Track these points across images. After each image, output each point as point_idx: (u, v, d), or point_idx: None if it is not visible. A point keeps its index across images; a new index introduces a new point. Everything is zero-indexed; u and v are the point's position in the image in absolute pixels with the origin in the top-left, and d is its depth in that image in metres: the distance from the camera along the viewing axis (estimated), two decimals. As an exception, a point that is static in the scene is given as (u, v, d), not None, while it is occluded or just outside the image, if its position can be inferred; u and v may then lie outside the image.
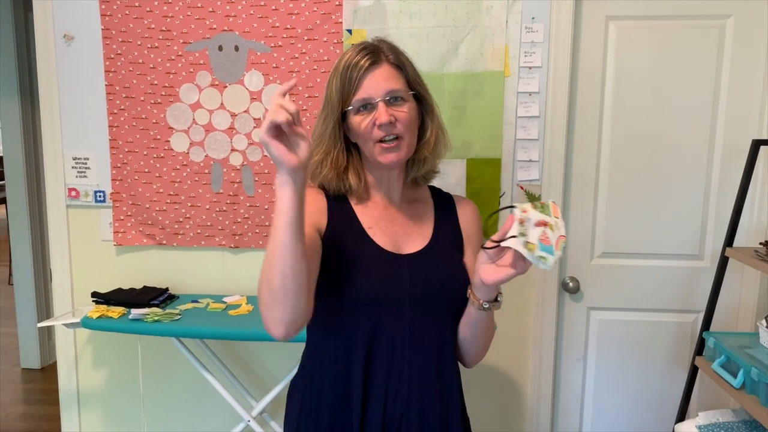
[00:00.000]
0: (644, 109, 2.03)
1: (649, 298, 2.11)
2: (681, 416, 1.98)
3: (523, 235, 1.02)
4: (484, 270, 1.10)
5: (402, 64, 1.22)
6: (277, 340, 1.13)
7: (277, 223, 0.99)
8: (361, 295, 1.16)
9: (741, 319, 2.08)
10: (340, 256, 1.20)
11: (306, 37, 2.02)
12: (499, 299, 1.17)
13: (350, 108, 1.19)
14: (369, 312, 1.17)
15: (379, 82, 1.17)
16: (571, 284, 2.11)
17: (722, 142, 2.01)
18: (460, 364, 1.32)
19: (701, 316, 1.96)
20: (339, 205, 1.25)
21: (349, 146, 1.25)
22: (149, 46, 2.07)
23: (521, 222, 1.03)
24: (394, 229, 1.25)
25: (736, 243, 1.86)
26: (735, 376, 1.69)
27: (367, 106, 1.18)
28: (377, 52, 1.20)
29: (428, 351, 1.22)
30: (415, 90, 1.22)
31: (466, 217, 1.33)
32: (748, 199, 1.88)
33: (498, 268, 1.08)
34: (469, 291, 1.18)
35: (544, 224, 1.03)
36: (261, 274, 1.04)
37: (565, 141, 2.02)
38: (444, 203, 1.34)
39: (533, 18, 1.97)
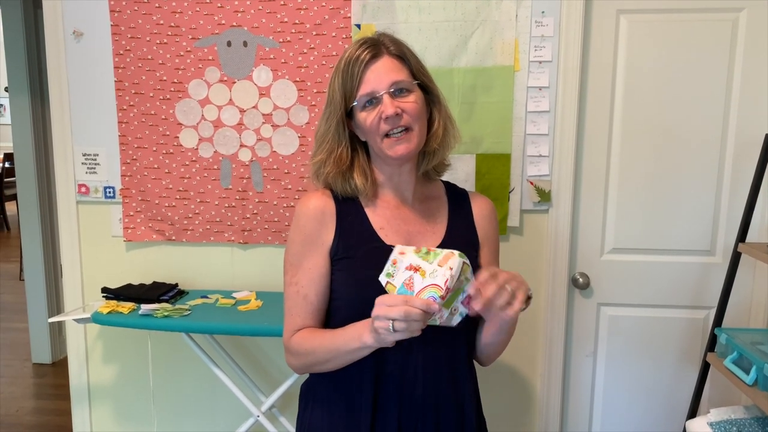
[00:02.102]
0: (655, 103, 2.01)
1: (660, 294, 2.10)
2: (692, 413, 1.96)
3: (389, 275, 1.04)
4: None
5: (404, 55, 1.20)
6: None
7: (351, 348, 1.11)
8: (371, 297, 1.14)
9: (753, 316, 2.07)
10: (352, 258, 1.19)
11: (314, 33, 2.02)
12: (530, 294, 1.12)
13: (355, 104, 1.17)
14: None
15: (381, 74, 1.16)
16: (581, 280, 2.10)
17: (734, 137, 1.99)
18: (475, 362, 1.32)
19: (713, 312, 1.94)
20: (349, 207, 1.24)
21: (355, 145, 1.24)
22: (158, 42, 2.07)
23: (394, 263, 1.05)
24: (407, 229, 1.24)
25: (749, 239, 1.84)
26: (747, 372, 1.68)
27: (372, 100, 1.16)
28: (377, 44, 1.18)
29: (441, 353, 1.21)
30: (420, 80, 1.21)
31: (482, 215, 1.31)
32: (760, 195, 1.86)
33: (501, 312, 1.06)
34: None
35: (416, 269, 1.02)
36: (310, 350, 1.19)
37: (576, 136, 2.01)
38: (458, 200, 1.33)
39: (543, 12, 1.95)
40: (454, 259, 1.01)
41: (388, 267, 1.05)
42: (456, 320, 1.06)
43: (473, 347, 1.29)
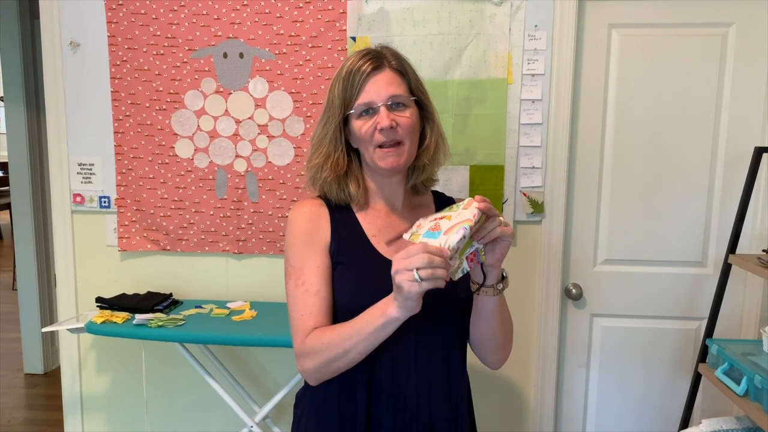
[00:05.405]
0: (647, 116, 2.03)
1: (652, 305, 2.11)
2: (684, 423, 1.97)
3: (414, 234, 1.07)
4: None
5: (404, 70, 1.22)
6: (281, 346, 1.18)
7: (374, 327, 1.06)
8: (364, 305, 1.15)
9: (744, 327, 2.08)
10: (345, 266, 1.21)
11: (310, 45, 2.04)
12: (505, 275, 1.14)
13: (352, 112, 1.20)
14: None
15: (381, 87, 1.18)
16: (574, 291, 2.11)
17: (725, 150, 2.02)
18: (485, 365, 1.31)
19: (704, 323, 1.96)
20: (342, 214, 1.26)
21: (349, 152, 1.26)
22: (155, 53, 2.08)
23: (418, 225, 1.10)
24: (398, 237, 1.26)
25: (739, 250, 1.86)
26: (738, 383, 1.69)
27: (369, 110, 1.19)
28: (380, 57, 1.21)
29: (435, 359, 1.22)
30: (417, 96, 1.23)
31: None
32: (750, 206, 1.88)
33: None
34: (474, 287, 1.14)
35: (441, 217, 1.06)
36: (327, 344, 1.13)
37: (568, 148, 2.03)
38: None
39: (536, 25, 1.98)
40: (473, 203, 1.04)
41: (412, 229, 1.07)
42: (458, 275, 1.06)
43: (465, 357, 1.29)
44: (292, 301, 1.21)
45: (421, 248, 0.97)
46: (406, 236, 1.06)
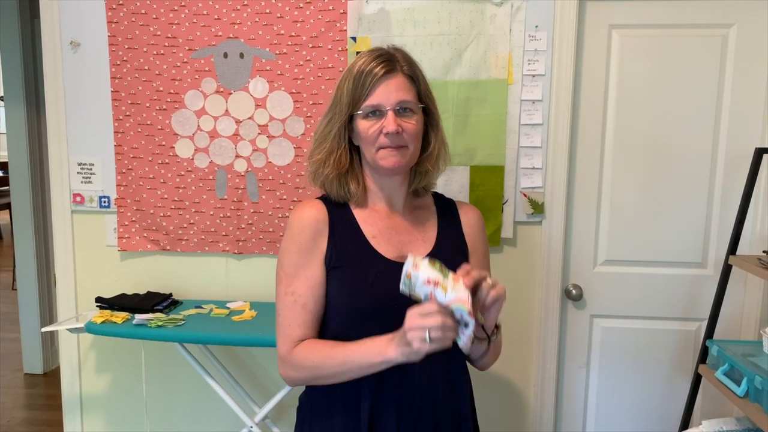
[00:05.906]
0: (647, 117, 2.03)
1: (652, 305, 2.11)
2: (684, 424, 1.97)
3: (409, 287, 1.05)
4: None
5: (415, 76, 1.23)
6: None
7: (370, 363, 1.10)
8: (366, 306, 1.16)
9: (744, 327, 2.08)
10: (345, 267, 1.21)
11: (310, 45, 2.04)
12: (498, 324, 1.17)
13: (359, 112, 1.20)
14: (375, 323, 1.15)
15: (391, 91, 1.19)
16: (574, 291, 2.11)
17: (725, 151, 2.02)
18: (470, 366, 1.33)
19: (704, 324, 1.95)
20: (341, 215, 1.26)
21: (351, 150, 1.26)
22: (155, 52, 2.08)
23: (408, 276, 1.05)
24: (399, 238, 1.25)
25: (740, 251, 1.86)
26: (738, 384, 1.69)
27: (376, 112, 1.19)
28: (393, 60, 1.21)
29: (438, 359, 1.21)
30: (425, 104, 1.24)
31: (470, 223, 1.34)
32: (751, 207, 1.88)
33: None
34: (473, 349, 1.16)
35: (435, 284, 1.03)
36: (318, 363, 1.16)
37: (569, 148, 2.03)
38: (447, 209, 1.35)
39: (536, 26, 1.98)
40: (460, 281, 1.04)
41: (404, 279, 1.06)
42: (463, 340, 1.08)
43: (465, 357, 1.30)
44: (281, 307, 1.24)
45: (437, 308, 1.00)
46: (404, 292, 1.06)
